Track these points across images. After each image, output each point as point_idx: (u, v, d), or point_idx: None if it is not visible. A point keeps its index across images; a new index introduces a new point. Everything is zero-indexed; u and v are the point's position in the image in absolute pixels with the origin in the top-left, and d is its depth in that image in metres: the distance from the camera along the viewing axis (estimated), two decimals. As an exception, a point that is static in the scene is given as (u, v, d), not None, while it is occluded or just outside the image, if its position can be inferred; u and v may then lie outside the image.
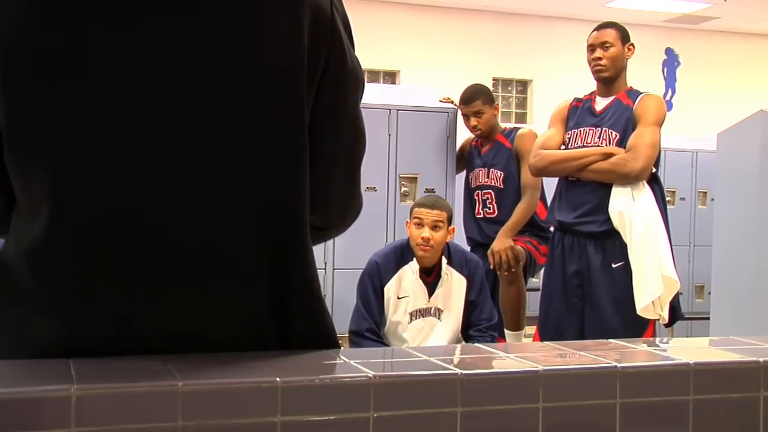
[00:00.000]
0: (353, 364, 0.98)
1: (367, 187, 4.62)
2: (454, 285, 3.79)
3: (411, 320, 3.76)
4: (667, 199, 4.23)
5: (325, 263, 4.75)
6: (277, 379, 0.89)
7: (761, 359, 1.07)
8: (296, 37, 1.06)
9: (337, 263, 4.79)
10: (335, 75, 1.11)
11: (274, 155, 1.05)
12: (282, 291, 1.07)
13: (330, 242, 4.75)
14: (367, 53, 9.20)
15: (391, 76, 10.40)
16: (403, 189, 5.10)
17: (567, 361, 1.06)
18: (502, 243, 4.20)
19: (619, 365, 1.01)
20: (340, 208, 1.22)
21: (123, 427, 0.84)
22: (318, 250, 5.00)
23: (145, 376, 0.90)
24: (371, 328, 3.70)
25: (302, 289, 1.09)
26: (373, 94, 4.44)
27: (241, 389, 0.89)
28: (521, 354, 1.07)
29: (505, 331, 4.33)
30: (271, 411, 0.89)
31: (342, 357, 1.03)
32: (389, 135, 5.06)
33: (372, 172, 4.32)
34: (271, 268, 1.06)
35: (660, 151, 3.59)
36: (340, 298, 4.66)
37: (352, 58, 1.14)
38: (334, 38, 1.10)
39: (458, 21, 10.29)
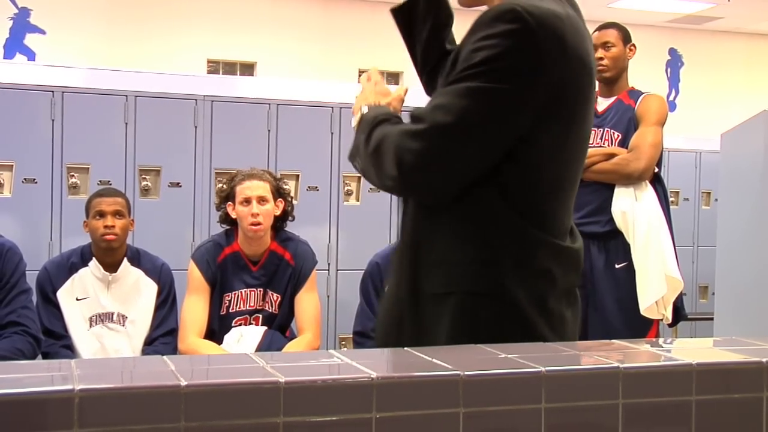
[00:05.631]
0: (355, 364, 0.98)
1: (370, 188, 4.62)
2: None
3: (414, 321, 3.75)
4: (671, 199, 4.22)
5: (329, 264, 4.75)
6: (280, 379, 0.89)
7: (764, 360, 1.07)
8: None
9: (341, 264, 4.80)
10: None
11: None
12: None
13: (333, 243, 4.75)
14: (370, 54, 9.17)
15: (394, 77, 10.39)
16: (407, 190, 5.08)
17: (569, 362, 1.06)
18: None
19: (621, 366, 1.01)
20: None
21: (126, 427, 0.84)
22: (321, 251, 4.96)
23: (148, 377, 0.90)
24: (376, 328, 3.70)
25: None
26: (376, 95, 4.44)
27: (244, 390, 0.89)
28: (524, 354, 1.07)
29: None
30: (274, 411, 0.89)
31: (344, 358, 1.03)
32: (392, 136, 5.05)
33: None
34: None
35: (662, 150, 3.59)
36: (343, 298, 4.66)
37: None
38: None
39: (461, 22, 10.28)
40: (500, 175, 1.48)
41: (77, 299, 3.49)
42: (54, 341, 3.42)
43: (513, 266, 1.48)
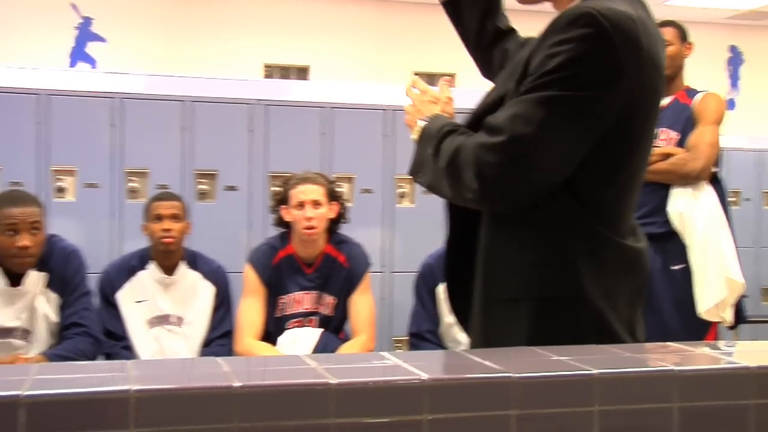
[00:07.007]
0: (407, 366, 0.98)
1: (424, 190, 4.62)
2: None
3: (467, 322, 3.74)
4: (732, 199, 4.14)
5: (383, 266, 4.76)
6: (331, 381, 0.90)
7: (825, 363, 1.04)
8: None
9: (395, 266, 4.80)
10: None
11: None
12: None
13: (388, 246, 4.76)
14: (424, 56, 9.06)
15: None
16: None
17: (622, 364, 1.05)
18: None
19: (676, 368, 1.00)
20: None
21: (180, 427, 0.86)
22: (376, 254, 4.94)
23: (202, 378, 0.91)
24: (431, 329, 3.69)
25: None
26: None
27: (296, 391, 0.90)
28: (576, 357, 1.06)
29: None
30: (326, 413, 0.89)
31: (396, 359, 1.03)
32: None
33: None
34: None
35: (720, 150, 3.52)
36: (399, 300, 4.66)
37: None
38: None
39: (528, 23, 10.22)
40: (574, 178, 1.47)
41: (136, 301, 3.56)
42: (115, 342, 3.49)
43: (588, 269, 1.47)
